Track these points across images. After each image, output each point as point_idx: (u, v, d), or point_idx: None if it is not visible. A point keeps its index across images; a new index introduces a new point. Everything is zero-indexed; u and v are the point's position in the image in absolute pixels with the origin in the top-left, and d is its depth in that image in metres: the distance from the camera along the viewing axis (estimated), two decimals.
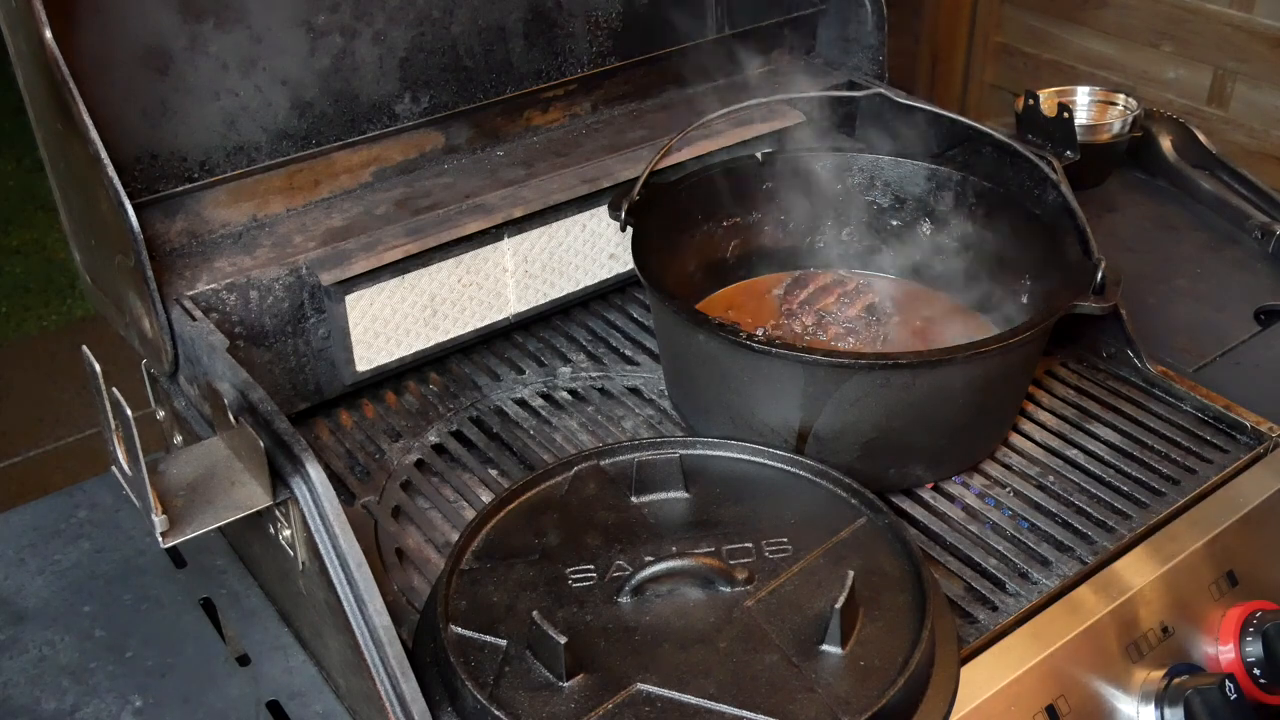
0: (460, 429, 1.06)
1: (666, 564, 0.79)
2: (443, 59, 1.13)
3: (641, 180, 1.05)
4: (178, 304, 0.93)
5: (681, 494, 0.87)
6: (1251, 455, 1.00)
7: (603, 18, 1.22)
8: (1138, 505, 0.96)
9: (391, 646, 0.75)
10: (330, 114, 1.08)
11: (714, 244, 1.14)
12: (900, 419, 0.91)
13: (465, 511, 0.97)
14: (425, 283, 1.05)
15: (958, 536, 0.93)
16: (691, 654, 0.75)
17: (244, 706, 0.85)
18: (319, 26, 1.05)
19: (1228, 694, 0.83)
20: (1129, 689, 0.86)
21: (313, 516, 0.76)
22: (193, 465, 0.82)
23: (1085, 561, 0.90)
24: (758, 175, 1.13)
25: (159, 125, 0.99)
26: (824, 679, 0.73)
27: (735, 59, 1.31)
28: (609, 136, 1.19)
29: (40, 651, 0.90)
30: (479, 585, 0.80)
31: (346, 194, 1.08)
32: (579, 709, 0.71)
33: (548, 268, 1.13)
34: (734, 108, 1.12)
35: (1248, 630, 0.90)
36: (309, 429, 1.06)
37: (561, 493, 0.88)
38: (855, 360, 0.88)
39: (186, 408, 0.95)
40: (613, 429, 1.05)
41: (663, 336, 1.06)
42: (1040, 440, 1.03)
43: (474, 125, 1.15)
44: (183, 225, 1.00)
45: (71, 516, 1.02)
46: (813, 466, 0.89)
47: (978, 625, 0.85)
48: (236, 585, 0.96)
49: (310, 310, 1.01)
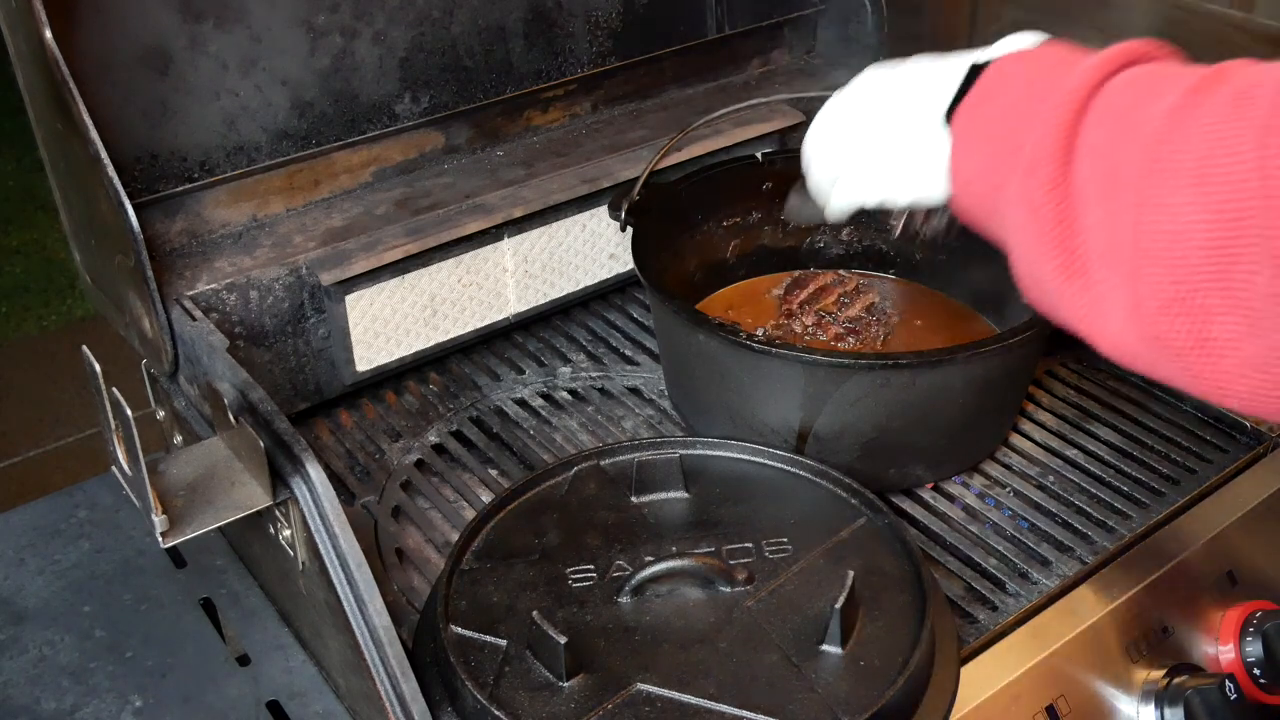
0: (460, 429, 1.06)
1: (666, 564, 0.79)
2: (443, 59, 1.13)
3: (641, 180, 1.05)
4: (178, 304, 0.93)
5: (681, 494, 0.87)
6: (1251, 455, 1.00)
7: (603, 18, 1.22)
8: (1138, 505, 0.96)
9: (391, 646, 0.75)
10: (330, 114, 1.08)
11: (714, 244, 1.14)
12: (900, 419, 0.91)
13: (465, 511, 0.97)
14: (425, 283, 1.05)
15: (958, 536, 0.93)
16: (691, 654, 0.75)
17: (244, 706, 0.85)
18: (319, 26, 1.05)
19: (1228, 694, 0.83)
20: (1129, 689, 0.86)
21: (313, 516, 0.76)
22: (193, 465, 0.82)
23: (1085, 561, 0.90)
24: (758, 175, 1.13)
25: (159, 125, 0.99)
26: (824, 679, 0.73)
27: (735, 59, 1.31)
28: (609, 136, 1.19)
29: (40, 651, 0.90)
30: (479, 585, 0.80)
31: (346, 194, 1.08)
32: (579, 709, 0.71)
33: (548, 268, 1.13)
34: (734, 108, 1.12)
35: (1248, 630, 0.90)
36: (309, 429, 1.06)
37: (561, 493, 0.88)
38: (855, 360, 0.88)
39: (186, 408, 0.95)
40: (613, 429, 1.05)
41: (663, 336, 1.06)
42: (1040, 440, 1.03)
43: (474, 125, 1.15)
44: (183, 225, 1.00)
45: (71, 516, 1.02)
46: (813, 466, 0.89)
47: (978, 625, 0.85)
48: (236, 585, 0.96)
49: (310, 310, 1.01)
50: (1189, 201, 0.59)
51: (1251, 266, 0.57)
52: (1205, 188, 0.58)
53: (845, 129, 0.85)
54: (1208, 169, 0.58)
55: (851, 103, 0.85)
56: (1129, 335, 0.64)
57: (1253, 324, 0.58)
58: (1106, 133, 0.65)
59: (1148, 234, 0.61)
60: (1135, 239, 0.61)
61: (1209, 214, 0.58)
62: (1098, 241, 0.64)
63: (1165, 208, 0.60)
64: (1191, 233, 0.59)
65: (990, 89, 0.74)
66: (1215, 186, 0.58)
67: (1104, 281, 0.64)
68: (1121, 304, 0.63)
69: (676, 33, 1.27)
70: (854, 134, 0.84)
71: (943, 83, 0.78)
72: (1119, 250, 0.62)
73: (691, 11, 1.29)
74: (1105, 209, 0.63)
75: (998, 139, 0.72)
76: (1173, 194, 0.59)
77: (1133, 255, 0.62)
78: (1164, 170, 0.60)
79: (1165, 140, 0.60)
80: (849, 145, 0.85)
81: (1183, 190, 0.59)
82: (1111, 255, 0.63)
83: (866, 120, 0.83)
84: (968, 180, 0.76)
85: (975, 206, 0.76)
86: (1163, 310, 0.61)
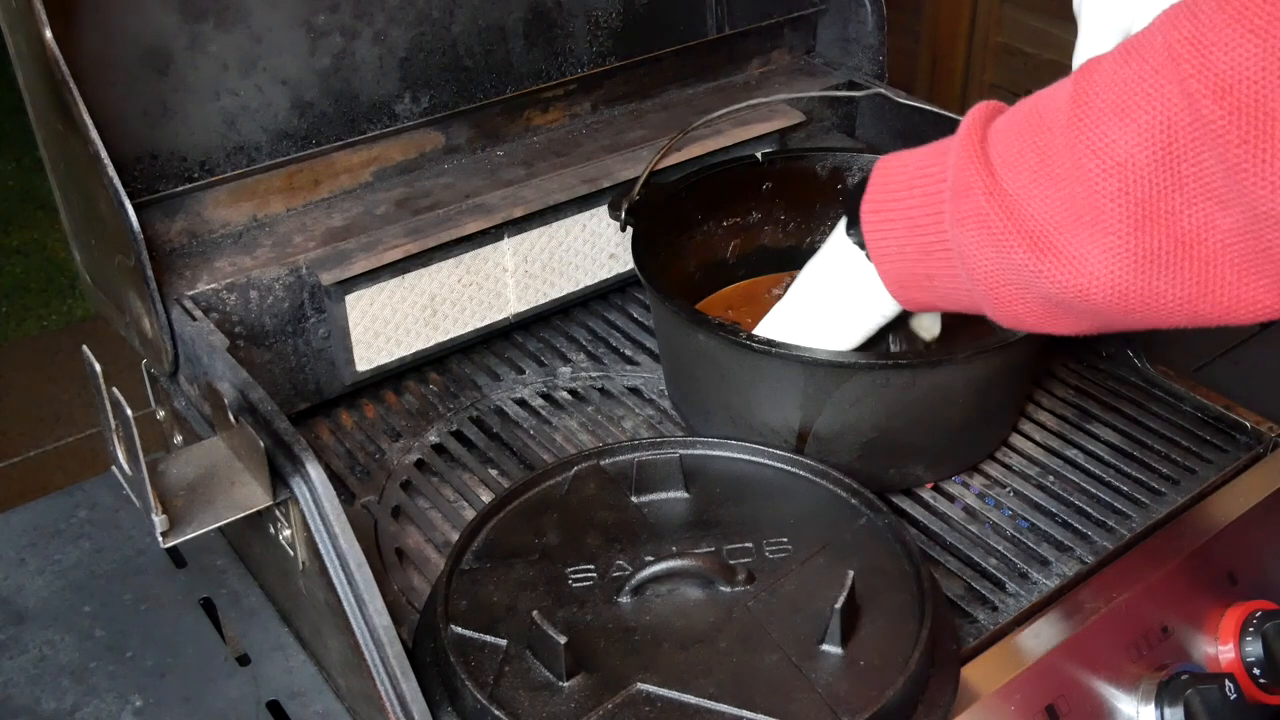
0: (460, 429, 1.06)
1: (666, 564, 0.79)
2: (443, 59, 1.13)
3: (641, 180, 1.05)
4: (178, 304, 0.93)
5: (681, 494, 0.87)
6: (1251, 455, 1.00)
7: (603, 18, 1.22)
8: (1138, 505, 0.96)
9: (391, 646, 0.75)
10: (330, 114, 1.08)
11: (714, 244, 1.14)
12: (900, 419, 0.91)
13: (465, 511, 0.97)
14: (425, 283, 1.05)
15: (958, 536, 0.93)
16: (691, 654, 0.75)
17: (244, 706, 0.85)
18: (319, 26, 1.05)
19: (1228, 694, 0.83)
20: (1129, 689, 0.86)
21: (313, 516, 0.76)
22: (193, 465, 0.82)
23: (1085, 561, 0.90)
24: (758, 175, 1.13)
25: (159, 125, 0.99)
26: (824, 679, 0.73)
27: (735, 59, 1.31)
28: (609, 136, 1.19)
29: (40, 651, 0.90)
30: (479, 585, 0.80)
31: (346, 194, 1.08)
32: (579, 709, 0.71)
33: (548, 268, 1.13)
34: (734, 108, 1.12)
35: (1248, 630, 0.90)
36: (309, 429, 1.06)
37: (561, 493, 0.88)
38: (855, 360, 0.88)
39: (186, 408, 0.95)
40: (613, 429, 1.05)
41: (662, 336, 1.06)
42: (1040, 440, 1.03)
43: (474, 125, 1.15)
44: (183, 225, 1.00)
45: (71, 516, 1.02)
46: (813, 466, 0.89)
47: (978, 625, 0.85)
48: (236, 585, 0.96)
49: (310, 310, 1.01)
50: (1121, 134, 0.63)
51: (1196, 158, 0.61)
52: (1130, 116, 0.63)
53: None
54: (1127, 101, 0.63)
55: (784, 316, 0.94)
56: (1119, 277, 0.67)
57: (1218, 200, 0.62)
58: (1017, 137, 0.71)
59: (1095, 177, 0.65)
60: (1089, 191, 0.65)
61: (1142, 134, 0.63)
62: (1052, 212, 0.68)
63: (1103, 149, 0.64)
64: (1134, 156, 0.63)
65: (880, 183, 0.81)
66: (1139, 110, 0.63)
67: (1073, 241, 0.68)
68: (1098, 254, 0.67)
69: (676, 33, 1.27)
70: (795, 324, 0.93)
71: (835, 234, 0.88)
72: (1076, 208, 0.67)
73: (691, 11, 1.29)
74: (1048, 184, 0.68)
75: (909, 206, 0.78)
76: (1104, 135, 0.64)
77: (1090, 202, 0.66)
78: (1087, 128, 0.65)
79: (1077, 113, 0.66)
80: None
81: (1112, 128, 0.64)
82: (1071, 217, 0.67)
83: (800, 314, 0.93)
84: (895, 261, 0.81)
85: (915, 286, 0.82)
86: (1135, 230, 0.65)
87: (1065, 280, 0.69)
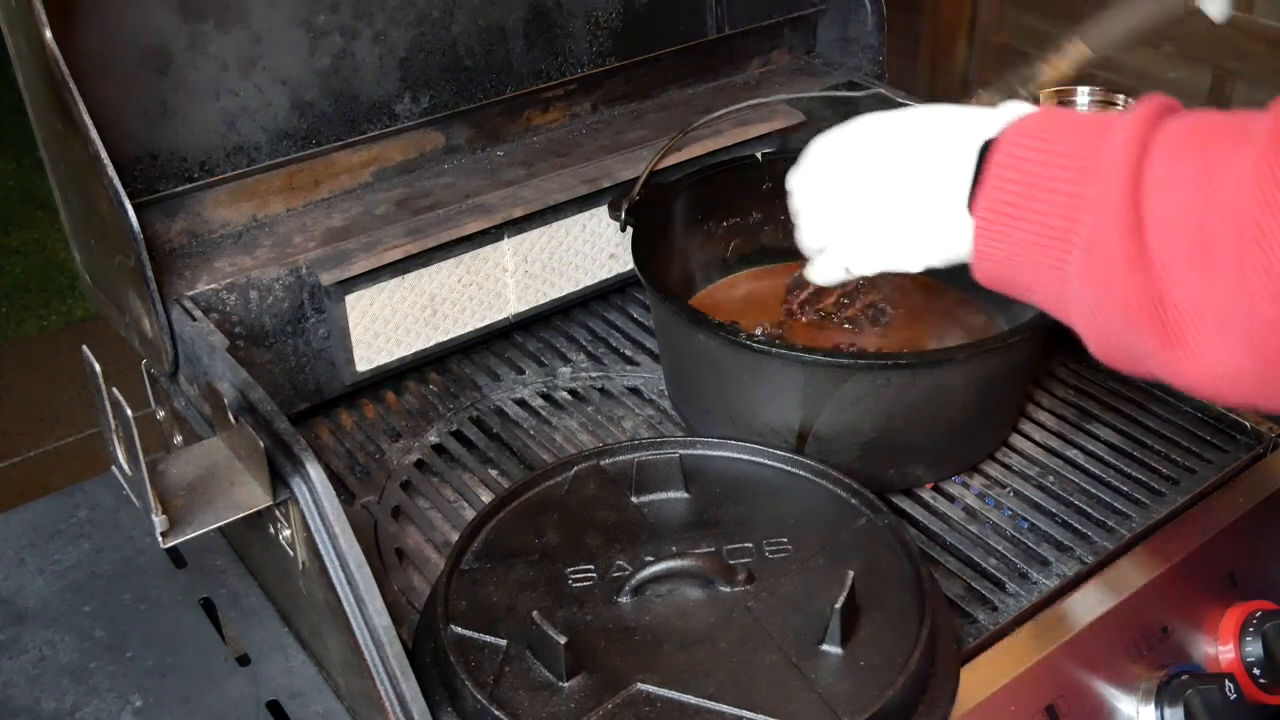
0: (460, 429, 1.06)
1: (666, 564, 0.79)
2: (443, 59, 1.13)
3: (641, 180, 1.05)
4: (178, 304, 0.93)
5: (681, 494, 0.87)
6: (1251, 455, 1.00)
7: (603, 18, 1.22)
8: (1138, 505, 0.96)
9: (391, 646, 0.75)
10: (330, 114, 1.08)
11: (714, 244, 1.14)
12: (900, 419, 0.91)
13: (465, 511, 0.97)
14: (425, 283, 1.05)
15: (958, 536, 0.93)
16: (691, 654, 0.75)
17: (244, 706, 0.85)
18: (319, 26, 1.05)
19: (1228, 694, 0.83)
20: (1129, 689, 0.86)
21: (313, 516, 0.76)
22: (193, 465, 0.82)
23: (1085, 561, 0.90)
24: (758, 175, 1.13)
25: (159, 125, 0.99)
26: (824, 679, 0.73)
27: (735, 59, 1.31)
28: (609, 136, 1.19)
29: (40, 651, 0.90)
30: (479, 585, 0.80)
31: (346, 194, 1.08)
32: (579, 709, 0.71)
33: (548, 268, 1.13)
34: (734, 108, 1.12)
35: (1248, 630, 0.90)
36: (309, 429, 1.06)
37: (561, 493, 0.88)
38: (855, 360, 0.88)
39: (186, 408, 0.95)
40: (613, 429, 1.05)
41: (662, 336, 1.06)
42: (1040, 440, 1.03)
43: (474, 125, 1.15)
44: (183, 225, 1.00)
45: (71, 516, 1.02)
46: (813, 466, 0.89)
47: (978, 625, 0.85)
48: (236, 585, 0.96)
49: (310, 310, 1.01)
50: None
51: None
52: None
53: (841, 191, 0.80)
54: None
55: (847, 160, 0.80)
56: (1243, 386, 0.64)
57: None
58: (1179, 201, 0.63)
59: (1260, 301, 0.60)
60: (1248, 306, 0.60)
61: None
62: (1195, 311, 0.63)
63: (1273, 273, 0.59)
64: None
65: (1007, 172, 0.71)
66: None
67: (1208, 345, 0.63)
68: (1229, 360, 0.63)
69: (676, 33, 1.27)
70: (852, 200, 0.80)
71: (953, 160, 0.74)
72: (1229, 316, 0.62)
73: (691, 11, 1.29)
74: (1202, 279, 0.62)
75: (1033, 223, 0.70)
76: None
77: (1246, 320, 0.61)
78: (1264, 239, 0.59)
79: (1257, 205, 0.59)
80: (846, 212, 0.81)
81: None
82: (1219, 321, 0.62)
83: (867, 187, 0.79)
84: (999, 262, 0.73)
85: (1005, 284, 0.74)
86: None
87: (1187, 373, 0.65)
